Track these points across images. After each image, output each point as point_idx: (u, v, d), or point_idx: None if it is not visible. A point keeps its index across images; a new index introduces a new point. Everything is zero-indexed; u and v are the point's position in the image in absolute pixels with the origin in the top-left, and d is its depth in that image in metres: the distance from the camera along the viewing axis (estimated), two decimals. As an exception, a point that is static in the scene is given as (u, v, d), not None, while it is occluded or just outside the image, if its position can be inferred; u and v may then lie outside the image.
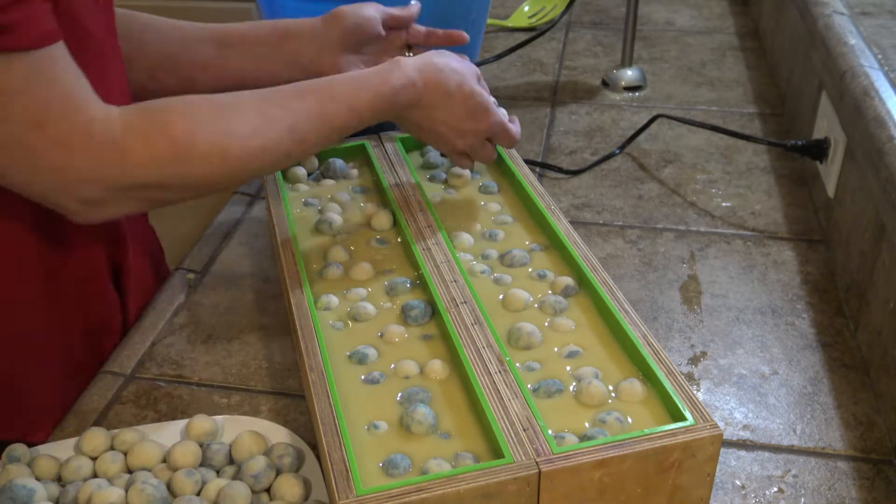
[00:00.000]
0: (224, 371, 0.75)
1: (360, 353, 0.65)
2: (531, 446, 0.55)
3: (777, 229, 0.92)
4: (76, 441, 0.65)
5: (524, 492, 0.54)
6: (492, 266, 0.74)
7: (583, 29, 1.43)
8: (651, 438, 0.56)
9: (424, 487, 0.53)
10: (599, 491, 0.55)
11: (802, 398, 0.72)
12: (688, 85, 1.23)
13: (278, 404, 0.71)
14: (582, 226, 0.93)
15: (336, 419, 0.58)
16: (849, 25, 0.92)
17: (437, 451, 0.57)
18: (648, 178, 1.02)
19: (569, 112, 1.17)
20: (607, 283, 0.69)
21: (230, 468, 0.63)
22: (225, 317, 0.81)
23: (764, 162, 1.04)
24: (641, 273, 0.86)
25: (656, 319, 0.80)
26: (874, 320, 0.73)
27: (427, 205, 0.80)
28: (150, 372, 0.76)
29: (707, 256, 0.88)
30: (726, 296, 0.83)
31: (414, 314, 0.68)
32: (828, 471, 0.66)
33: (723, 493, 0.64)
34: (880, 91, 0.78)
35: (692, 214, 0.95)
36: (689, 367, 0.75)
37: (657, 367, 0.61)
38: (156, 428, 0.67)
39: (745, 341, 0.78)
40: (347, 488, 0.53)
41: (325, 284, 0.73)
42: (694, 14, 1.48)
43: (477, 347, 0.63)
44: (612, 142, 1.09)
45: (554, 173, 1.03)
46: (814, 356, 0.76)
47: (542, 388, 0.61)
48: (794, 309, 0.81)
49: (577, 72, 1.28)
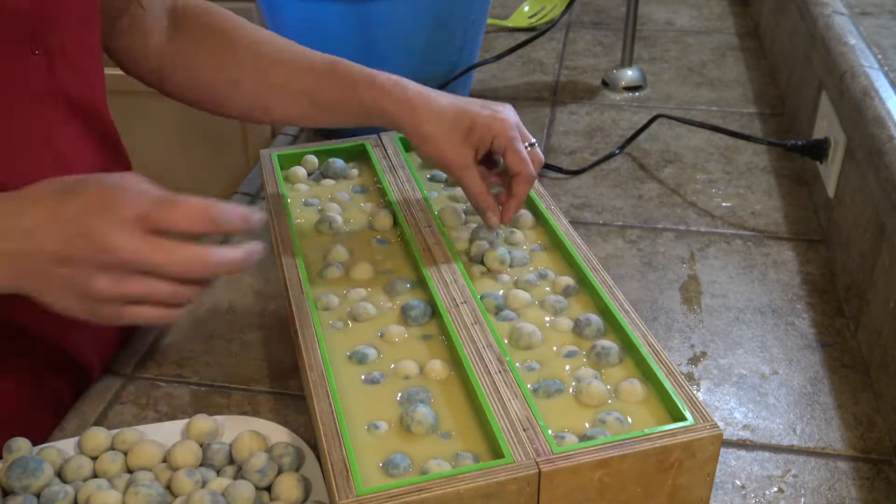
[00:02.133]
0: (224, 371, 0.75)
1: (360, 353, 0.65)
2: (531, 446, 0.55)
3: (777, 229, 0.92)
4: (76, 441, 0.65)
5: (524, 492, 0.54)
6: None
7: (583, 29, 1.43)
8: (651, 438, 0.56)
9: (424, 487, 0.53)
10: (599, 491, 0.55)
11: (802, 398, 0.72)
12: (688, 85, 1.23)
13: (278, 404, 0.71)
14: (582, 226, 0.93)
15: (336, 419, 0.58)
16: (849, 25, 0.92)
17: (437, 451, 0.57)
18: (648, 178, 1.02)
19: (569, 112, 1.17)
20: (607, 283, 0.69)
21: (230, 468, 0.63)
22: (225, 317, 0.81)
23: (764, 162, 1.04)
24: (641, 273, 0.86)
25: (656, 319, 0.80)
26: (874, 320, 0.73)
27: (427, 205, 0.80)
28: (150, 372, 0.76)
29: (707, 256, 0.88)
30: (726, 296, 0.83)
31: (414, 314, 0.68)
32: (828, 471, 0.66)
33: (723, 493, 0.64)
34: (880, 91, 0.78)
35: (692, 214, 0.95)
36: (689, 367, 0.75)
37: (657, 367, 0.61)
38: (156, 428, 0.67)
39: (745, 341, 0.78)
40: (347, 488, 0.53)
41: (325, 284, 0.73)
42: (694, 14, 1.48)
43: (477, 347, 0.63)
44: (612, 142, 1.09)
45: (554, 173, 1.03)
46: (814, 356, 0.76)
47: (542, 388, 0.61)
48: (794, 309, 0.81)
49: (577, 72, 1.28)
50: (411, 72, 1.02)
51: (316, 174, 0.88)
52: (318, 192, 0.85)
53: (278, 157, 0.88)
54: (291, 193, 0.85)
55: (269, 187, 0.84)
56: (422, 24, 0.98)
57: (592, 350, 0.64)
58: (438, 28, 1.00)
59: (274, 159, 0.88)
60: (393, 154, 0.88)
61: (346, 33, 0.97)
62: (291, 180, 0.87)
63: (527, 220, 0.79)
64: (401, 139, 0.90)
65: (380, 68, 1.01)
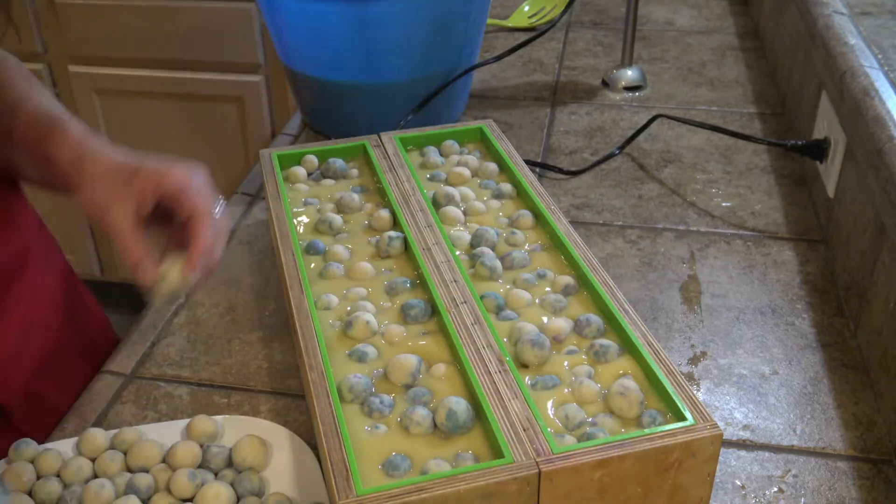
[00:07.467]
0: (224, 371, 0.75)
1: (359, 353, 0.65)
2: (531, 446, 0.55)
3: (777, 229, 0.92)
4: (75, 441, 0.65)
5: (524, 492, 0.54)
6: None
7: (583, 29, 1.43)
8: (651, 438, 0.56)
9: (424, 487, 0.53)
10: (599, 491, 0.55)
11: (802, 398, 0.72)
12: (688, 85, 1.23)
13: (278, 404, 0.72)
14: (582, 226, 0.93)
15: (336, 419, 0.58)
16: (849, 25, 0.92)
17: (437, 451, 0.57)
18: (648, 178, 1.02)
19: (569, 112, 1.17)
20: (607, 283, 0.69)
21: (229, 472, 0.63)
22: (225, 317, 0.81)
23: (764, 162, 1.04)
24: (641, 273, 0.86)
25: (656, 319, 0.80)
26: (874, 320, 0.73)
27: (427, 205, 0.80)
28: (150, 372, 0.76)
29: (707, 256, 0.88)
30: (726, 296, 0.83)
31: (414, 313, 0.68)
32: (828, 471, 0.66)
33: (723, 493, 0.64)
34: (880, 91, 0.78)
35: (692, 214, 0.95)
36: (689, 367, 0.75)
37: (657, 367, 0.61)
38: (156, 428, 0.67)
39: (745, 341, 0.78)
40: (347, 488, 0.53)
41: (325, 284, 0.73)
42: (694, 14, 1.48)
43: (477, 347, 0.63)
44: (612, 142, 1.09)
45: (554, 173, 1.03)
46: (814, 356, 0.76)
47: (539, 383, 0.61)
48: (794, 309, 0.81)
49: (577, 72, 1.28)
50: (411, 72, 1.02)
51: (316, 174, 0.88)
52: (318, 192, 0.85)
53: (278, 156, 0.88)
54: (291, 193, 0.85)
55: (269, 187, 0.84)
56: (422, 24, 0.98)
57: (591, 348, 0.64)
58: (438, 28, 1.00)
59: (274, 159, 0.88)
60: (393, 154, 0.88)
61: (346, 33, 0.97)
62: (291, 180, 0.87)
63: (527, 220, 0.79)
64: (401, 139, 0.91)
65: (380, 68, 1.01)
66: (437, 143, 0.92)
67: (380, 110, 1.03)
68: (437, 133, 0.93)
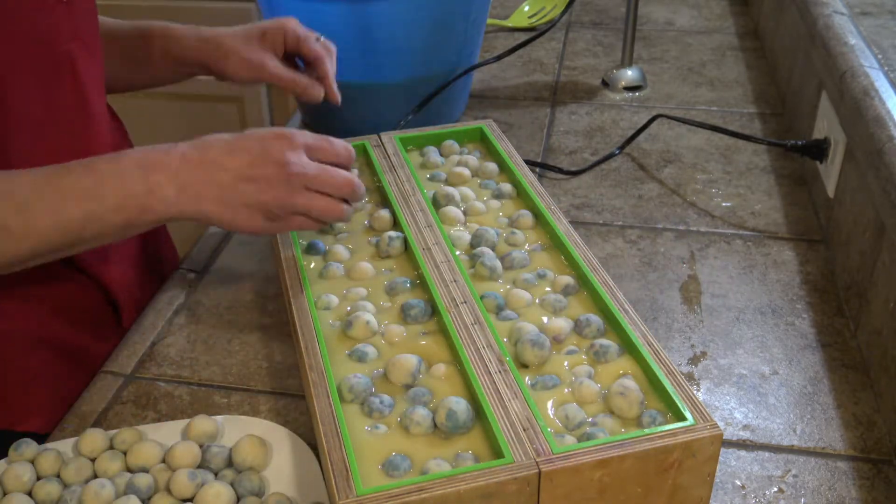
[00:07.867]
0: (224, 371, 0.75)
1: (359, 352, 0.65)
2: (531, 446, 0.55)
3: (777, 229, 0.92)
4: (75, 441, 0.65)
5: (524, 492, 0.54)
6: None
7: (583, 29, 1.43)
8: (651, 438, 0.56)
9: (424, 487, 0.53)
10: (599, 491, 0.55)
11: (802, 398, 0.72)
12: (688, 85, 1.23)
13: (278, 404, 0.71)
14: (582, 226, 0.93)
15: (336, 419, 0.58)
16: (849, 25, 0.92)
17: (437, 451, 0.57)
18: (648, 178, 1.02)
19: (569, 112, 1.17)
20: (607, 283, 0.69)
21: (229, 472, 0.63)
22: (225, 317, 0.81)
23: (764, 162, 1.04)
24: (641, 273, 0.86)
25: (656, 319, 0.80)
26: (874, 320, 0.73)
27: (427, 205, 0.80)
28: (150, 372, 0.76)
29: (707, 256, 0.88)
30: (726, 296, 0.83)
31: (414, 313, 0.68)
32: (828, 471, 0.66)
33: (723, 493, 0.64)
34: (880, 91, 0.78)
35: (692, 214, 0.95)
36: (689, 367, 0.75)
37: (657, 367, 0.61)
38: (156, 428, 0.67)
39: (745, 341, 0.78)
40: (347, 488, 0.53)
41: (326, 284, 0.73)
42: (694, 14, 1.48)
43: (477, 347, 0.63)
44: (612, 142, 1.09)
45: (554, 173, 1.03)
46: (814, 356, 0.76)
47: (539, 383, 0.61)
48: (794, 309, 0.81)
49: (577, 72, 1.28)
50: (411, 72, 1.02)
51: (316, 174, 0.88)
52: (318, 192, 0.85)
53: (278, 157, 0.88)
54: (291, 193, 0.85)
55: (269, 187, 0.84)
56: (422, 24, 0.98)
57: (591, 348, 0.64)
58: (438, 28, 1.00)
59: (274, 159, 0.87)
60: (393, 154, 0.88)
61: (346, 33, 0.97)
62: (291, 180, 0.87)
63: (527, 220, 0.79)
64: (401, 139, 0.91)
65: (380, 68, 1.01)
66: (437, 143, 0.92)
67: (380, 110, 1.04)
68: (437, 133, 0.93)
